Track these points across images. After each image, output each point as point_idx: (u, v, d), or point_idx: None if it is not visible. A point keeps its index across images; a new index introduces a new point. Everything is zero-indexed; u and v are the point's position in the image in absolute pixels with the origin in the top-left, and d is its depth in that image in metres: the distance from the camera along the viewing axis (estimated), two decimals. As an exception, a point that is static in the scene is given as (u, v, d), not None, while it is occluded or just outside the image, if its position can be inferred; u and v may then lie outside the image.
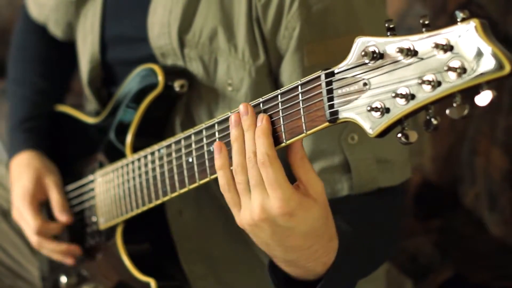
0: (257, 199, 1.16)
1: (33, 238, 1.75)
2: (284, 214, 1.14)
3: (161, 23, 1.58)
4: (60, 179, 1.80)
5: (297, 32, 1.44)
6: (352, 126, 1.31)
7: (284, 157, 1.19)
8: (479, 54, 0.95)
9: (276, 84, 1.51)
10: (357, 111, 1.08)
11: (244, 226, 1.20)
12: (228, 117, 1.26)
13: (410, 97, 1.01)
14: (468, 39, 0.96)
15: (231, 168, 1.21)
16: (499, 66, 0.93)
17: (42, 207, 1.78)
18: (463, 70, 0.96)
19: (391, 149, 1.46)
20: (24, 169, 1.79)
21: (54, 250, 1.75)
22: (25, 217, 1.75)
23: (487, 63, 0.94)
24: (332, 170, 1.46)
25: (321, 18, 1.43)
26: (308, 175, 1.16)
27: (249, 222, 1.18)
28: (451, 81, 0.97)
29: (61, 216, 1.74)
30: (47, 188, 1.77)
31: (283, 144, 1.19)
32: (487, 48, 0.94)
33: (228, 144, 1.24)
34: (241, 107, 1.21)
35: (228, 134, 1.26)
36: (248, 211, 1.18)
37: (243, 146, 1.19)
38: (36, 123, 1.87)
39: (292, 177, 1.18)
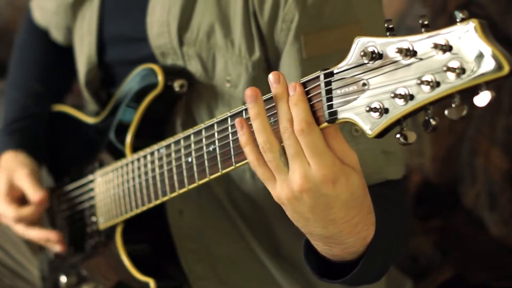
0: (297, 169, 1.12)
1: (17, 228, 1.76)
2: (328, 181, 1.10)
3: (160, 22, 1.58)
4: (35, 170, 1.80)
5: (295, 24, 1.43)
6: None
7: None
8: (478, 54, 0.94)
9: None
10: (356, 111, 1.08)
11: (282, 201, 1.16)
12: (227, 117, 1.26)
13: (409, 97, 1.01)
14: (467, 40, 0.95)
15: (256, 142, 1.16)
16: (498, 66, 0.93)
17: (20, 201, 1.78)
18: (462, 71, 0.96)
19: (394, 141, 1.44)
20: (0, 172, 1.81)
21: (35, 238, 1.75)
22: (3, 214, 1.77)
23: (486, 64, 0.94)
24: None
25: (318, 9, 1.43)
26: (342, 145, 1.13)
27: (288, 195, 1.14)
28: (450, 81, 0.97)
29: (33, 195, 1.73)
30: (18, 183, 1.77)
31: (282, 144, 1.18)
32: (486, 49, 0.94)
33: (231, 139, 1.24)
34: (271, 76, 1.16)
35: (227, 136, 1.26)
36: (285, 184, 1.14)
37: (266, 122, 1.15)
38: (23, 124, 1.87)
39: None
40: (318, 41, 1.42)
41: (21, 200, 1.78)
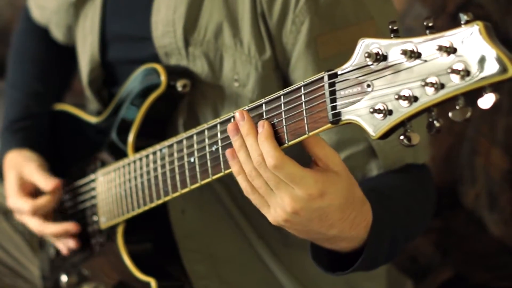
0: (284, 195, 1.16)
1: (33, 223, 1.75)
2: (315, 198, 1.15)
3: (165, 22, 1.57)
4: (41, 163, 1.80)
5: (306, 26, 1.44)
6: None
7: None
8: (483, 57, 0.95)
9: (285, 81, 1.51)
10: (359, 112, 1.08)
11: (279, 223, 1.20)
12: (231, 117, 1.27)
13: (413, 99, 1.01)
14: (472, 42, 0.96)
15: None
16: (503, 69, 0.94)
17: (32, 194, 1.78)
18: (466, 73, 0.96)
19: None
20: (8, 171, 1.81)
21: (53, 233, 1.74)
22: (19, 209, 1.76)
23: (491, 66, 0.94)
24: (359, 156, 1.46)
25: (330, 10, 1.44)
26: (324, 150, 1.16)
27: (284, 217, 1.18)
28: (455, 83, 0.97)
29: (47, 185, 1.73)
30: (28, 177, 1.77)
31: (285, 145, 1.19)
32: (490, 51, 0.94)
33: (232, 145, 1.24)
34: (237, 114, 1.21)
35: (231, 135, 1.27)
36: (279, 208, 1.18)
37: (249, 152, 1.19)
38: (26, 124, 1.87)
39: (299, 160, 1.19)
40: (332, 41, 1.43)
41: (34, 194, 1.78)
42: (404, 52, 1.01)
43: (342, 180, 1.17)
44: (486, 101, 0.96)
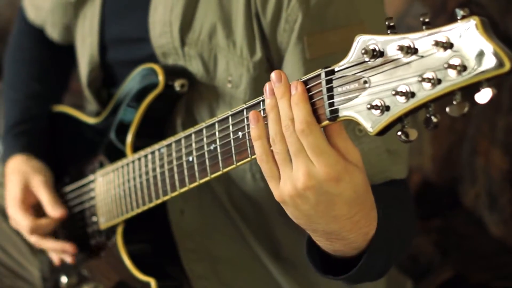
0: (301, 167, 1.12)
1: (31, 238, 1.76)
2: (331, 179, 1.11)
3: (162, 22, 1.58)
4: (49, 177, 1.80)
5: (298, 24, 1.43)
6: None
7: None
8: (479, 51, 0.95)
9: None
10: (357, 109, 1.08)
11: (284, 198, 1.15)
12: (228, 116, 1.26)
13: (410, 95, 1.01)
14: (468, 37, 0.95)
15: (268, 138, 1.17)
16: (499, 63, 0.93)
17: (33, 208, 1.78)
18: (463, 68, 0.96)
19: (398, 140, 1.44)
20: (12, 176, 1.80)
21: (50, 248, 1.75)
22: (18, 222, 1.76)
23: (487, 61, 0.94)
24: None
25: (321, 10, 1.43)
26: (346, 142, 1.13)
27: (292, 192, 1.14)
28: (451, 79, 0.97)
29: (53, 212, 1.74)
30: (34, 190, 1.77)
31: None
32: (487, 46, 0.94)
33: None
34: (273, 75, 1.16)
35: (228, 134, 1.27)
36: (289, 181, 1.14)
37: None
38: (28, 126, 1.87)
39: None
40: (321, 41, 1.42)
41: (35, 206, 1.78)
42: (401, 48, 1.01)
43: (360, 175, 1.13)
44: (483, 96, 0.95)
